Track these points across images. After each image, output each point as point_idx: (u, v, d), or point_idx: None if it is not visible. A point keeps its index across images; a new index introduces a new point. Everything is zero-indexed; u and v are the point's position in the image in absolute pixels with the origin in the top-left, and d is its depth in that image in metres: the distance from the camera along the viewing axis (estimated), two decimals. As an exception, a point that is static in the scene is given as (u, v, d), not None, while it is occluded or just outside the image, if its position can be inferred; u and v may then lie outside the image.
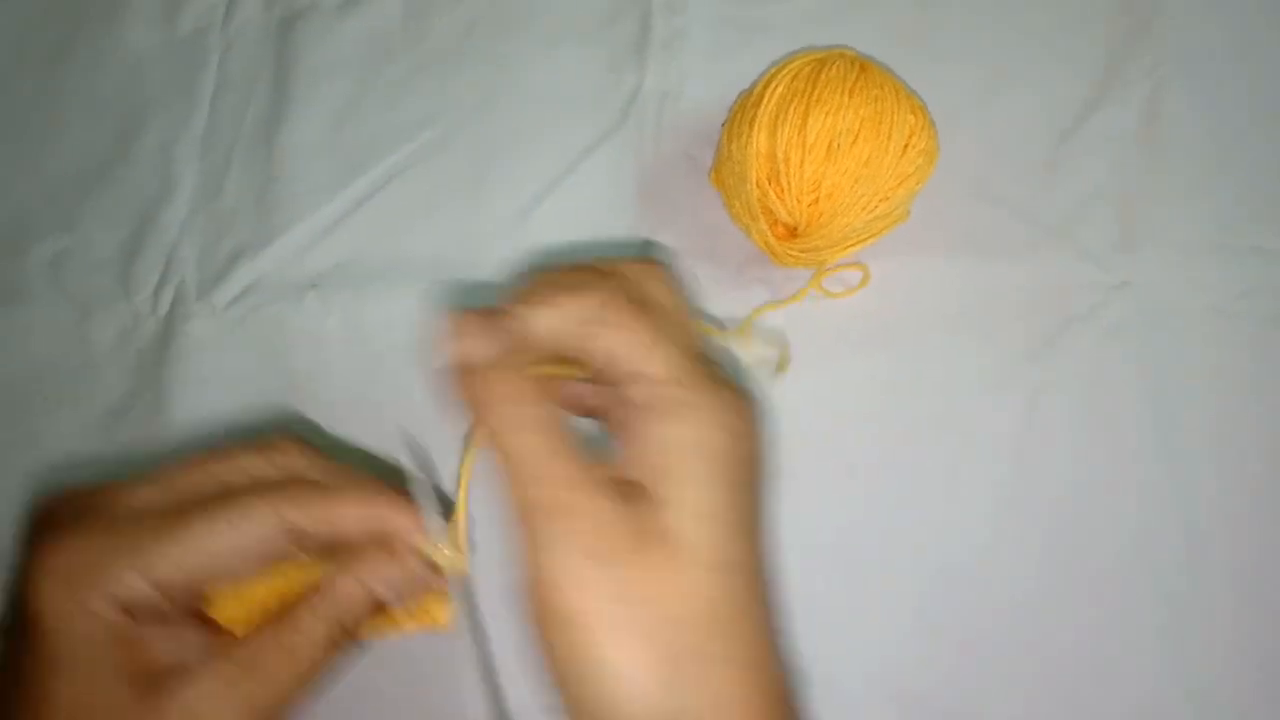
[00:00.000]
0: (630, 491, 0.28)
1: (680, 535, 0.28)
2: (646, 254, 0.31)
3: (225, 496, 0.31)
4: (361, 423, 0.49)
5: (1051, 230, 0.49)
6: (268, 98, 0.56)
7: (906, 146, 0.43)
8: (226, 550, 0.30)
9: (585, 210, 0.52)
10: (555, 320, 0.30)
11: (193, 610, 0.32)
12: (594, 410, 0.33)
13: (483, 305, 0.31)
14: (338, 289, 0.52)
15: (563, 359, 0.31)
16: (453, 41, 0.56)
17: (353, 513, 0.32)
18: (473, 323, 0.30)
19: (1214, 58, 0.51)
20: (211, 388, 0.51)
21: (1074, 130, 0.50)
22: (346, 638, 0.32)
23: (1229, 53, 0.51)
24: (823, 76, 0.43)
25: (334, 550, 0.33)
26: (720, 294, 0.49)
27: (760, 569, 0.30)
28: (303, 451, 0.34)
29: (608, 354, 0.30)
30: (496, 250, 0.52)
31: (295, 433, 0.35)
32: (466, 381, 0.30)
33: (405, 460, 0.34)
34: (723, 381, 0.30)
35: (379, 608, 0.33)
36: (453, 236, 0.52)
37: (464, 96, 0.55)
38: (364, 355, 0.51)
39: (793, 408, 0.47)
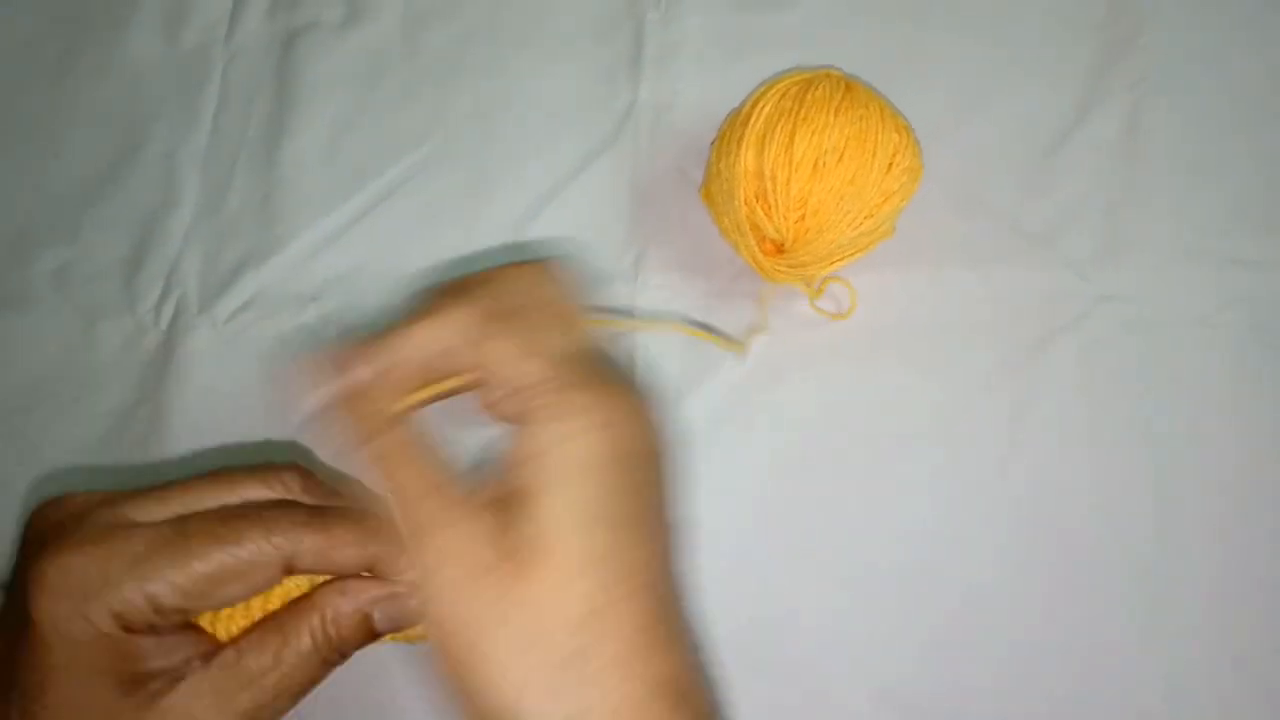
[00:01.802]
0: (509, 502, 0.29)
1: (552, 540, 0.28)
2: (534, 256, 0.32)
3: (225, 522, 0.31)
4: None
5: (1036, 242, 0.50)
6: (270, 111, 0.57)
7: (891, 164, 0.44)
8: (221, 576, 0.31)
9: (579, 223, 0.53)
10: (426, 340, 0.31)
11: (184, 623, 0.32)
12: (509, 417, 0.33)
13: (360, 336, 0.32)
14: (338, 301, 0.53)
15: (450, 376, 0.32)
16: (450, 57, 0.57)
17: (349, 550, 0.32)
18: (340, 356, 0.31)
19: (1194, 72, 0.51)
20: (213, 399, 0.52)
21: (1058, 144, 0.51)
22: (335, 655, 0.32)
23: (1209, 67, 0.51)
24: (809, 96, 0.44)
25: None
26: (710, 307, 0.50)
27: (651, 565, 0.29)
28: (304, 481, 0.34)
29: (481, 367, 0.30)
30: (493, 262, 0.52)
31: (297, 461, 0.35)
32: (339, 412, 0.31)
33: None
34: (601, 380, 0.30)
35: (370, 628, 0.33)
36: (450, 249, 0.53)
37: (461, 111, 0.56)
38: (363, 366, 0.52)
39: (780, 419, 0.48)
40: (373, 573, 0.32)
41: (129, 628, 0.30)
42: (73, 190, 0.57)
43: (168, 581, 0.30)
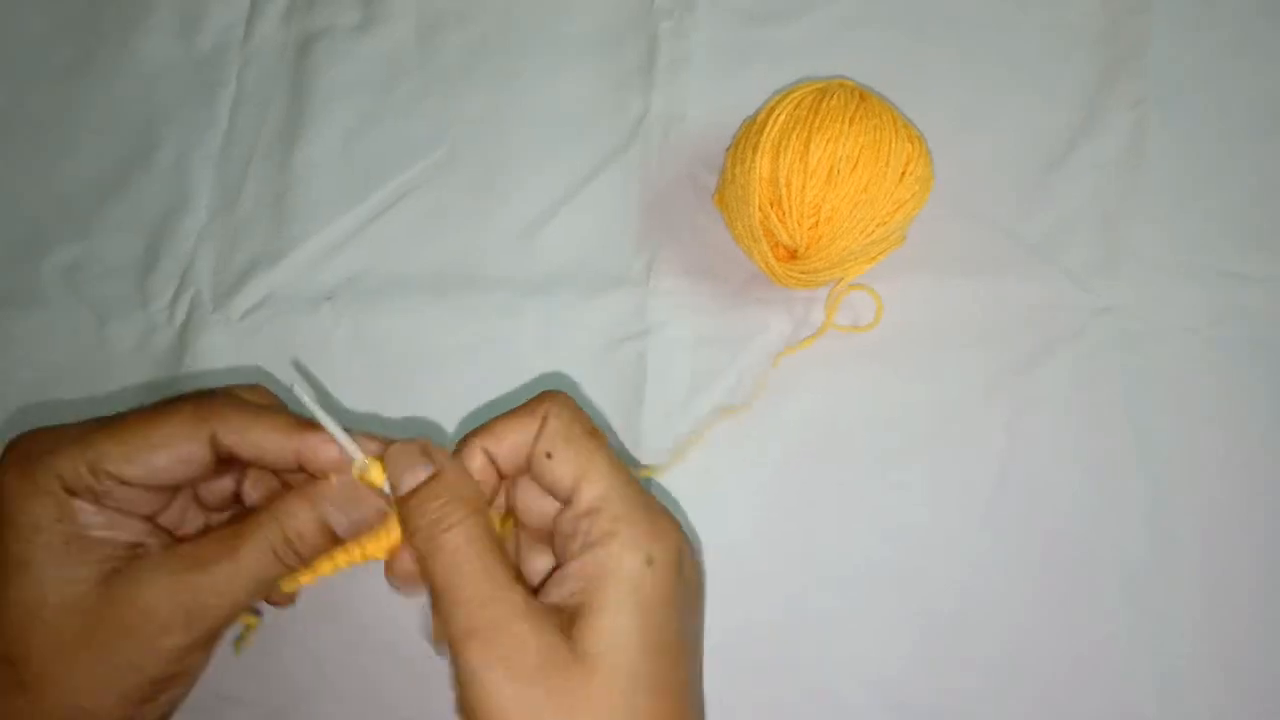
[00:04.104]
0: (574, 614, 0.31)
1: (597, 657, 0.30)
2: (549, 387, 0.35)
3: (159, 404, 0.34)
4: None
5: (1035, 254, 0.51)
6: (284, 114, 0.58)
7: (904, 173, 0.45)
8: (150, 443, 0.33)
9: (591, 228, 0.54)
10: (504, 445, 0.34)
11: (141, 514, 0.35)
12: (550, 538, 0.35)
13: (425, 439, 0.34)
14: (350, 302, 0.53)
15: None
16: (464, 63, 0.58)
17: (274, 435, 0.34)
18: (400, 453, 0.33)
19: (1194, 89, 0.53)
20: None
21: (1059, 158, 0.52)
22: (294, 558, 0.34)
23: (1209, 84, 0.53)
24: (824, 105, 0.45)
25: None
26: (722, 313, 0.51)
27: (685, 688, 0.32)
28: (265, 396, 0.37)
29: (552, 479, 0.33)
30: (505, 266, 0.53)
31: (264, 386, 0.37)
32: (401, 506, 0.33)
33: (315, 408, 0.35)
34: (651, 509, 0.32)
35: (331, 538, 0.34)
36: (462, 252, 0.54)
37: (474, 116, 0.57)
38: (375, 366, 0.52)
39: (786, 424, 0.49)
40: (302, 467, 0.34)
41: (70, 489, 0.33)
42: (86, 189, 0.57)
43: (101, 450, 0.33)
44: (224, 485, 0.38)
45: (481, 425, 0.34)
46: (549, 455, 0.33)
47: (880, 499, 0.48)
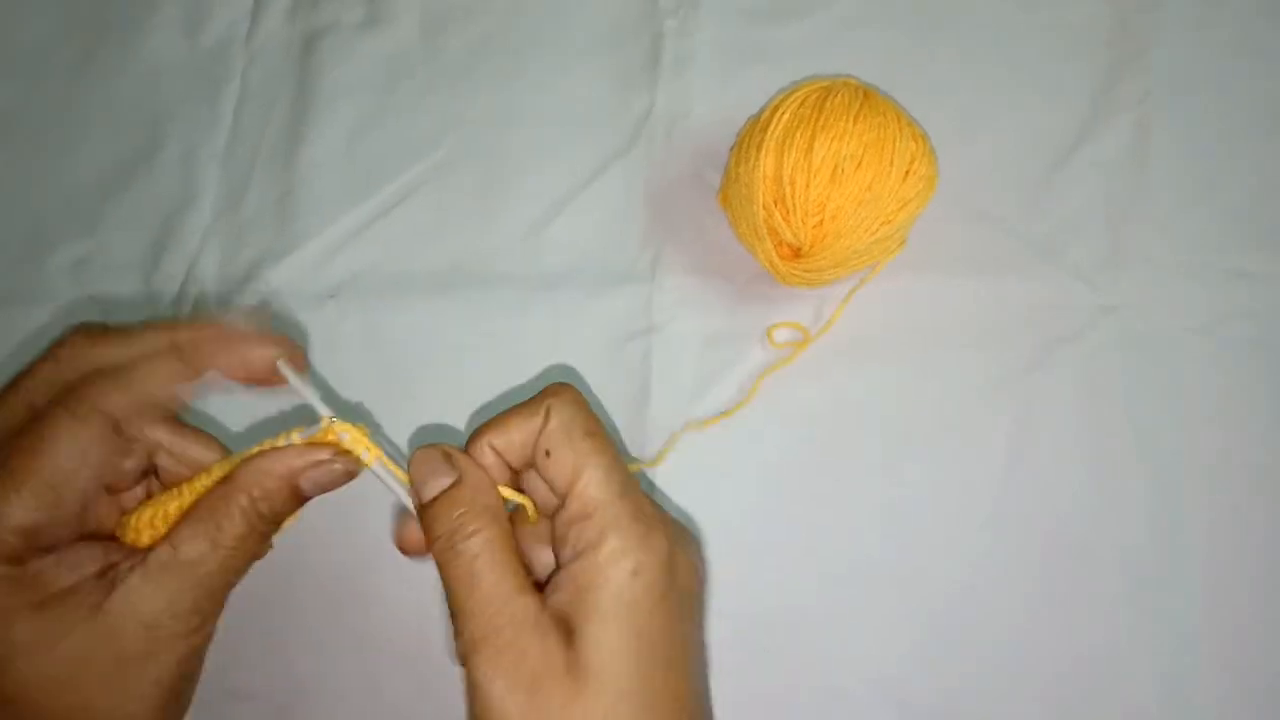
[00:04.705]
0: (571, 621, 0.30)
1: (594, 668, 0.30)
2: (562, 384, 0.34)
3: (38, 421, 0.32)
4: (375, 430, 0.51)
5: (1040, 253, 0.51)
6: (289, 112, 0.58)
7: (908, 172, 0.45)
8: (65, 469, 0.31)
9: (596, 226, 0.54)
10: (508, 442, 0.33)
11: (88, 534, 0.33)
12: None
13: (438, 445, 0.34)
14: (355, 299, 0.53)
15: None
16: (468, 60, 0.58)
17: (149, 338, 0.33)
18: (424, 459, 0.33)
19: (1198, 89, 0.53)
20: (228, 393, 0.52)
21: (1063, 157, 0.52)
22: (266, 523, 0.33)
23: (1212, 85, 0.53)
24: (828, 104, 0.45)
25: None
26: (725, 310, 0.51)
27: (682, 698, 0.31)
28: (89, 337, 0.34)
29: (549, 477, 0.33)
30: (510, 264, 0.54)
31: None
32: (423, 514, 0.33)
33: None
34: (641, 515, 0.32)
35: (299, 495, 0.34)
36: (467, 250, 0.54)
37: (479, 114, 0.57)
38: (380, 364, 0.52)
39: (793, 422, 0.49)
40: (181, 359, 0.34)
41: (18, 559, 0.31)
42: (92, 186, 0.57)
43: (13, 504, 0.31)
44: (136, 464, 0.35)
45: (490, 420, 0.34)
46: (548, 454, 0.33)
47: (882, 497, 0.48)
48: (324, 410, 0.34)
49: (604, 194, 0.54)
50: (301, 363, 0.35)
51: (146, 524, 0.34)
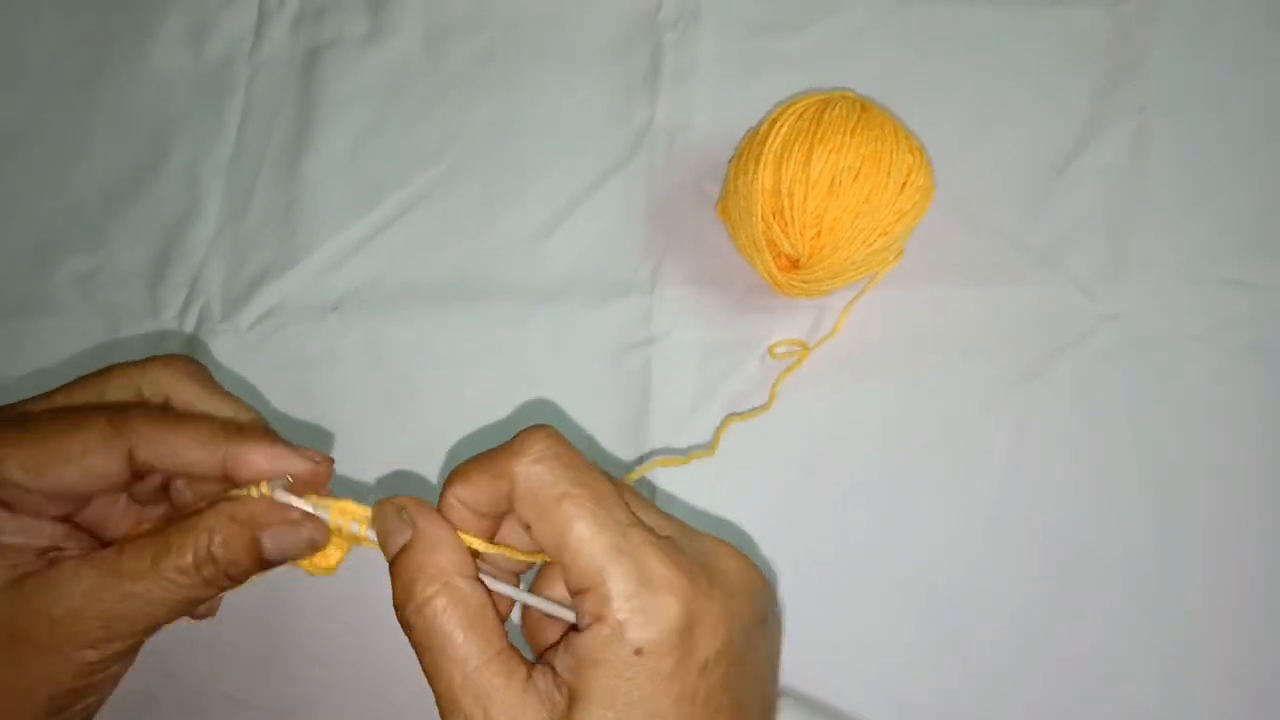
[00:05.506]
0: (568, 695, 0.28)
1: None
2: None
3: (71, 411, 0.32)
4: (378, 441, 0.51)
5: (1040, 262, 0.51)
6: (293, 124, 0.58)
7: (905, 184, 0.45)
8: (58, 455, 0.31)
9: (596, 237, 0.54)
10: (474, 497, 0.30)
11: (60, 519, 0.33)
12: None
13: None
14: (358, 311, 0.54)
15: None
16: (471, 73, 0.58)
17: (196, 448, 0.32)
18: (379, 516, 0.31)
19: (1197, 98, 0.53)
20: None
21: (1063, 166, 0.53)
22: (221, 576, 0.31)
23: (1212, 93, 0.53)
24: (826, 117, 0.46)
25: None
26: (724, 321, 0.51)
27: None
28: (189, 370, 0.34)
29: (545, 546, 0.29)
30: (511, 275, 0.54)
31: (193, 358, 0.35)
32: (394, 565, 0.30)
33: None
34: (645, 578, 0.28)
35: (258, 554, 0.32)
36: (469, 261, 0.54)
37: (481, 126, 0.57)
38: (382, 375, 0.53)
39: (791, 431, 0.49)
40: (227, 477, 0.32)
41: None
42: (98, 198, 0.58)
43: (15, 460, 0.31)
44: (153, 480, 0.35)
45: (456, 469, 0.31)
46: (527, 528, 0.30)
47: (884, 505, 0.48)
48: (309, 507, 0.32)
49: (604, 205, 0.55)
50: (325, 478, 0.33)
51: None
